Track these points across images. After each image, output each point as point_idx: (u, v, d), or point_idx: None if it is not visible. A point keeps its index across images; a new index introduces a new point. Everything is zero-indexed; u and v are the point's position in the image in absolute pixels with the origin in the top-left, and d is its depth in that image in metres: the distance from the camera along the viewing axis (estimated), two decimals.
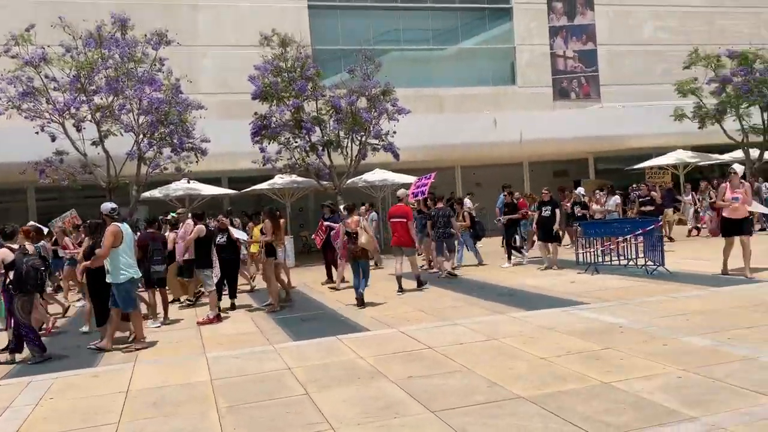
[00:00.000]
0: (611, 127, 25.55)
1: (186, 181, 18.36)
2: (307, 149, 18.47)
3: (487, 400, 5.22)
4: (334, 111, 18.91)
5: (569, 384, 5.46)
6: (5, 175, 18.87)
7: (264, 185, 19.95)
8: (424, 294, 11.29)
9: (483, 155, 24.86)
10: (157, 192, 18.65)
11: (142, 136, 16.78)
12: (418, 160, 22.47)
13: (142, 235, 10.48)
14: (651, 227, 11.30)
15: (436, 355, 6.81)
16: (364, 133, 19.11)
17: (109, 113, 16.51)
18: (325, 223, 13.46)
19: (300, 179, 20.21)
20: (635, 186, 19.51)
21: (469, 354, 6.72)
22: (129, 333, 8.84)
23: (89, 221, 9.55)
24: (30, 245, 12.69)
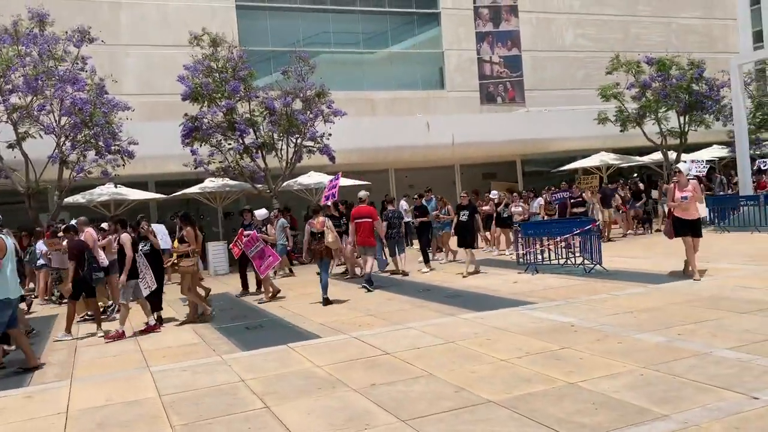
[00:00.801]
0: (537, 130, 26.26)
1: (113, 186, 17.49)
2: (241, 152, 17.98)
3: (456, 405, 5.13)
4: (268, 112, 18.53)
5: (536, 386, 5.45)
6: None
7: (194, 189, 19.28)
8: (371, 297, 11.16)
9: (416, 158, 25.00)
10: (80, 197, 17.67)
11: (64, 138, 15.85)
12: (353, 163, 22.33)
13: (74, 243, 9.83)
14: (588, 227, 11.61)
15: (395, 360, 6.69)
16: (299, 135, 18.80)
17: (27, 114, 15.52)
18: (245, 232, 12.06)
19: (232, 182, 19.65)
20: (553, 189, 19.85)
21: (427, 358, 6.64)
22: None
23: None
24: None
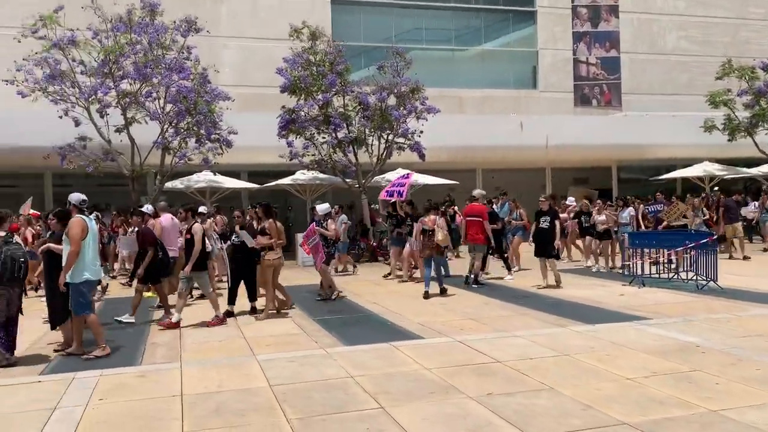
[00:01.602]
0: (636, 135, 25.11)
1: (210, 173, 17.94)
2: (335, 145, 18.04)
3: (586, 425, 4.80)
4: (362, 107, 18.52)
5: (672, 410, 5.04)
6: (24, 159, 18.48)
7: (286, 180, 19.51)
8: (466, 300, 10.88)
9: (507, 159, 24.42)
10: (179, 183, 18.22)
11: (167, 124, 16.36)
12: (441, 161, 22.01)
13: (146, 230, 9.84)
14: (705, 240, 10.88)
15: (508, 369, 6.39)
16: (390, 132, 18.70)
17: (134, 100, 16.09)
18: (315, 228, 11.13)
19: (322, 176, 19.80)
20: (648, 198, 18.73)
21: (543, 370, 6.31)
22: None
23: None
24: (30, 233, 12.14)
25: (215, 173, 18.01)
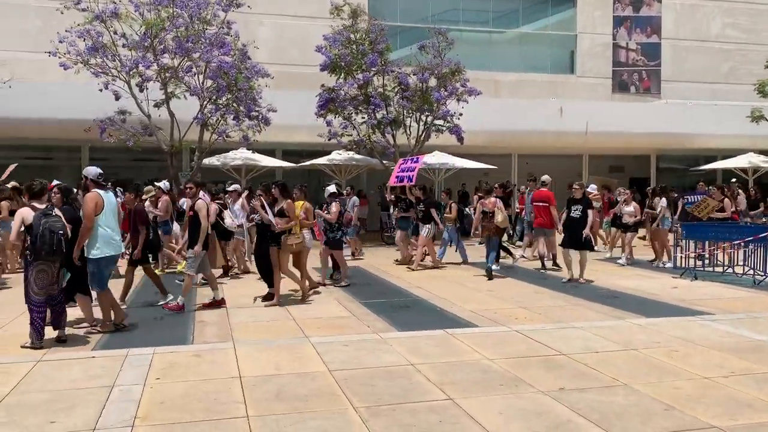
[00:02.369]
0: (678, 123, 24.44)
1: (248, 151, 17.80)
2: (374, 126, 17.75)
3: (675, 427, 4.54)
4: (401, 88, 18.19)
5: (763, 415, 4.76)
6: (62, 131, 18.50)
7: (322, 160, 19.30)
8: (515, 287, 10.62)
9: (544, 144, 23.95)
10: (215, 160, 18.10)
11: (207, 100, 16.21)
12: (478, 145, 21.61)
13: (139, 208, 9.36)
14: (765, 234, 10.47)
15: (575, 363, 6.14)
16: (429, 113, 18.37)
17: (174, 74, 15.95)
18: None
19: (358, 156, 19.56)
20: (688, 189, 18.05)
21: (612, 365, 6.05)
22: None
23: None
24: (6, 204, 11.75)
25: (253, 151, 17.84)
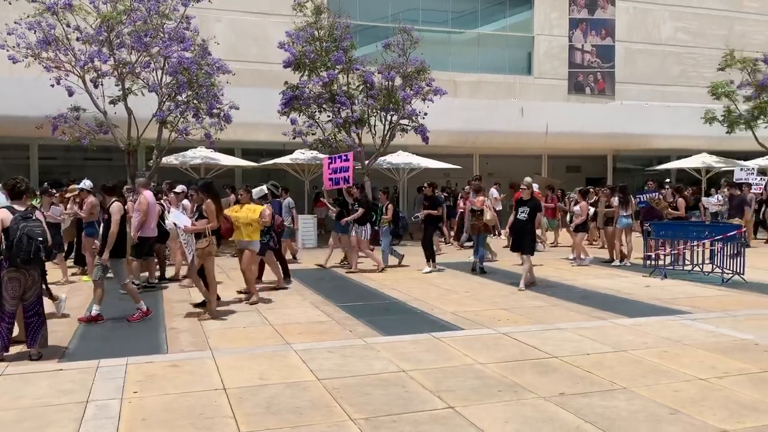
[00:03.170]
0: (634, 124, 24.88)
1: (207, 150, 17.25)
2: (340, 125, 17.44)
3: None
4: (366, 87, 17.94)
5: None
6: (11, 129, 17.57)
7: (286, 159, 18.86)
8: (488, 289, 10.49)
9: (506, 145, 24.03)
10: (173, 159, 17.47)
11: (166, 97, 15.60)
12: (441, 145, 21.56)
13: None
14: (733, 233, 10.65)
15: (569, 366, 6.03)
16: (395, 113, 18.17)
17: (131, 70, 15.30)
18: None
19: (321, 156, 19.17)
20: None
21: (607, 368, 5.96)
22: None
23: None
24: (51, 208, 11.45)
25: (214, 150, 17.31)
